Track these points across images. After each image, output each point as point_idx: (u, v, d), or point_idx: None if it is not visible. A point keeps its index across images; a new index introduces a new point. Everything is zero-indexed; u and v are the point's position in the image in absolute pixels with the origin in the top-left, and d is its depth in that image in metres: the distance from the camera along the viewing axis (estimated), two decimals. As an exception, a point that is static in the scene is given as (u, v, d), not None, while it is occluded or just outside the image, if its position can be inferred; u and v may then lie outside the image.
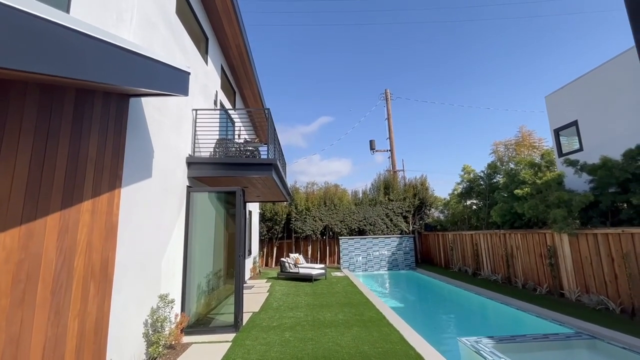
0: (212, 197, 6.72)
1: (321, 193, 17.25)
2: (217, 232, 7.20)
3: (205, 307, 6.59)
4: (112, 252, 3.53)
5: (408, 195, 16.84)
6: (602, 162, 7.73)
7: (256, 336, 5.34)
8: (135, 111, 4.19)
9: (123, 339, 3.76)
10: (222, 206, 7.02)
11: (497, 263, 10.35)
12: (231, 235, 6.72)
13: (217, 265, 7.29)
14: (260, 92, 10.71)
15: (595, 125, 9.65)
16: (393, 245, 15.30)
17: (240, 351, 4.67)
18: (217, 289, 7.21)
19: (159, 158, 4.83)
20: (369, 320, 6.15)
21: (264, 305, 7.67)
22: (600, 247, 6.69)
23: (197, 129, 6.49)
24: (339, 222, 16.22)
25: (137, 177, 4.17)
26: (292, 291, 9.36)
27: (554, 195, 7.43)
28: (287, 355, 4.48)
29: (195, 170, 6.02)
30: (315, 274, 11.05)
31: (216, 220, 7.11)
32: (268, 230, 16.07)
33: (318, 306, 7.40)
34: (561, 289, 7.68)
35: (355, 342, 4.95)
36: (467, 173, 13.21)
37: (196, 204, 6.15)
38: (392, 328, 5.59)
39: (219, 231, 7.25)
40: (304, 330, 5.64)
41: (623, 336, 5.06)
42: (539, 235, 8.42)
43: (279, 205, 16.13)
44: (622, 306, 6.13)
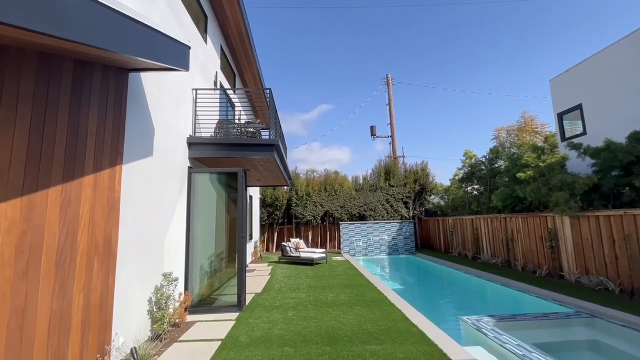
0: (214, 178, 6.67)
1: (322, 179, 17.21)
2: (218, 214, 7.19)
3: (209, 288, 6.64)
4: (114, 228, 3.50)
5: (409, 181, 16.81)
6: (605, 144, 7.66)
7: (259, 315, 5.40)
8: (135, 87, 4.09)
9: (128, 314, 3.78)
10: (224, 188, 6.98)
11: (497, 247, 10.41)
12: (232, 218, 6.71)
13: (219, 247, 7.32)
14: (260, 74, 10.52)
15: (600, 108, 9.53)
16: (393, 230, 15.38)
17: (244, 328, 4.71)
18: (219, 270, 7.26)
19: (160, 137, 4.75)
20: (370, 300, 6.21)
21: (266, 286, 7.74)
22: (601, 229, 6.71)
23: (197, 109, 6.38)
24: (340, 207, 16.24)
25: (138, 155, 4.11)
26: (294, 274, 9.44)
27: (557, 178, 7.39)
28: (291, 332, 4.53)
29: (196, 151, 5.95)
30: (316, 258, 11.13)
31: (217, 202, 7.09)
32: (269, 215, 16.10)
33: (320, 288, 7.47)
34: (561, 270, 7.75)
35: (357, 320, 5.00)
36: (469, 158, 13.16)
37: (197, 185, 6.10)
38: (394, 307, 5.64)
39: (220, 213, 7.24)
40: (307, 309, 5.69)
41: (622, 314, 5.11)
42: (540, 219, 8.43)
43: (280, 191, 16.12)
44: (621, 286, 6.19)
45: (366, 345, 3.98)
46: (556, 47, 39.77)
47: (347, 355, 3.71)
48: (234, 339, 4.31)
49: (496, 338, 4.45)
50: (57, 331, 2.66)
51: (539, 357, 3.82)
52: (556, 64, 41.63)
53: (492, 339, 4.47)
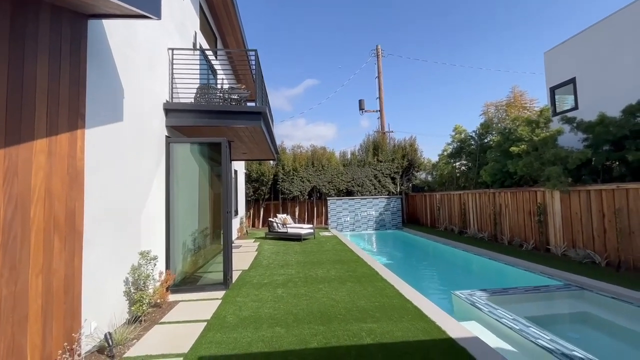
0: (195, 149, 6.15)
1: (309, 154, 16.76)
2: (201, 189, 6.75)
3: (193, 266, 6.31)
4: (79, 202, 3.05)
5: (397, 157, 16.62)
6: (599, 118, 7.55)
7: (247, 293, 5.14)
8: (98, 39, 3.48)
9: (101, 297, 3.41)
10: (206, 160, 6.48)
11: (484, 221, 10.48)
12: (217, 192, 6.28)
13: (203, 223, 6.93)
14: (244, 38, 9.71)
15: (594, 82, 9.39)
16: (381, 205, 15.33)
17: (232, 308, 4.45)
18: (204, 247, 6.91)
19: (131, 100, 4.19)
20: (362, 275, 6.06)
21: (253, 263, 7.49)
22: (592, 204, 6.71)
23: (174, 72, 5.74)
24: (327, 183, 15.97)
25: (105, 119, 3.58)
26: (282, 250, 9.22)
27: (551, 152, 7.28)
28: (281, 311, 4.30)
29: (174, 119, 5.39)
30: (304, 234, 10.93)
31: (200, 175, 6.62)
32: (254, 191, 15.68)
33: (309, 264, 7.28)
34: (547, 244, 7.83)
35: (350, 296, 4.82)
36: (459, 133, 12.97)
37: (177, 157, 5.60)
38: (387, 283, 5.51)
39: (203, 187, 6.79)
40: (297, 286, 5.48)
41: (609, 286, 5.15)
42: (530, 193, 8.42)
43: (266, 166, 15.63)
44: (607, 259, 6.27)
45: (362, 324, 3.79)
46: (552, 18, 39.21)
47: (342, 334, 3.51)
48: (221, 319, 4.05)
49: (491, 313, 4.38)
50: (9, 321, 2.27)
51: (535, 332, 3.75)
52: (552, 37, 41.24)
53: (487, 313, 4.39)
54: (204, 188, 6.83)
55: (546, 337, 3.59)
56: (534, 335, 3.66)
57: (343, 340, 3.37)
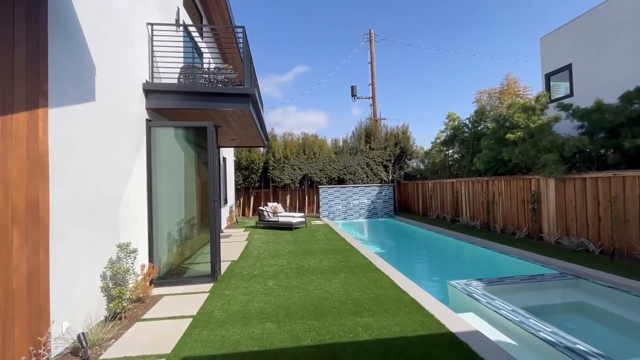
0: (180, 134, 5.78)
1: (300, 141, 16.39)
2: (187, 176, 6.41)
3: (178, 257, 6.03)
4: (43, 191, 2.71)
5: (389, 144, 16.41)
6: (596, 105, 7.42)
7: (236, 285, 4.90)
8: (62, 6, 3.07)
9: (74, 295, 3.11)
10: (192, 147, 6.12)
11: (476, 209, 10.43)
12: (204, 180, 5.95)
13: (189, 212, 6.62)
14: (231, 18, 9.17)
15: (590, 69, 9.25)
16: (373, 194, 15.19)
17: (219, 302, 4.21)
18: (190, 238, 6.62)
19: (105, 78, 3.79)
20: (355, 266, 5.89)
21: (243, 253, 7.24)
22: (587, 191, 6.63)
23: (154, 50, 5.30)
24: (319, 171, 15.71)
25: (74, 98, 3.20)
26: (272, 239, 8.99)
27: (547, 140, 7.15)
28: (272, 304, 4.08)
29: (155, 100, 5.00)
30: (295, 222, 10.71)
31: (186, 162, 6.26)
32: (244, 179, 15.31)
33: (301, 253, 7.07)
34: (540, 232, 7.80)
35: (344, 288, 4.63)
36: (452, 120, 12.79)
37: (160, 142, 5.23)
38: (381, 273, 5.34)
39: (189, 175, 6.45)
40: (288, 278, 5.26)
41: (605, 274, 5.10)
42: (524, 181, 8.33)
43: (255, 153, 15.23)
44: (602, 247, 6.23)
45: (357, 318, 3.61)
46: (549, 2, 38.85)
47: (337, 330, 3.32)
48: (208, 314, 3.81)
49: (489, 304, 4.25)
50: (-43, 327, 1.97)
51: (536, 324, 3.63)
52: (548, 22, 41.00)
53: (484, 304, 4.27)
54: (190, 176, 6.48)
55: (547, 330, 3.47)
56: (534, 327, 3.53)
57: (338, 337, 3.17)
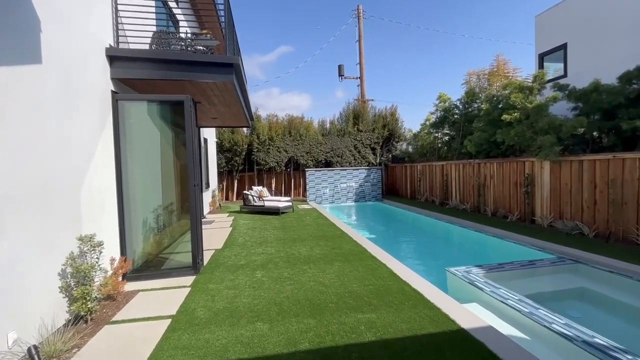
0: (154, 110, 5.11)
1: (285, 123, 15.71)
2: (165, 158, 5.81)
3: (156, 247, 5.51)
4: (-32, 173, 2.12)
5: (377, 126, 16.01)
6: (593, 86, 7.20)
7: (221, 278, 4.45)
8: None
9: (22, 299, 2.58)
10: (169, 125, 5.47)
11: (467, 192, 10.29)
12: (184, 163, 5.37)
13: (168, 197, 6.06)
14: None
15: (585, 49, 9.02)
16: (361, 177, 14.87)
17: (202, 298, 3.76)
18: (169, 225, 6.09)
19: (53, 36, 3.11)
20: (349, 253, 5.54)
21: (227, 241, 6.76)
22: (584, 174, 6.49)
23: (120, 10, 4.53)
24: (305, 153, 15.17)
25: (9, 57, 2.55)
26: (259, 225, 8.53)
27: (544, 121, 6.91)
28: (262, 300, 3.67)
29: (122, 69, 4.31)
30: (282, 207, 10.26)
31: (162, 142, 5.64)
32: (227, 162, 14.60)
33: (290, 240, 6.67)
34: (533, 215, 7.70)
35: (340, 279, 4.28)
36: (443, 101, 12.46)
37: (130, 118, 4.57)
38: (377, 262, 5.02)
39: (167, 156, 5.85)
40: (278, 268, 4.86)
41: (603, 259, 4.98)
42: (517, 164, 8.16)
43: (239, 134, 14.48)
44: (596, 231, 6.15)
45: (358, 314, 3.26)
46: None
47: (337, 330, 2.95)
48: (189, 313, 3.36)
49: (494, 293, 4.01)
50: None
51: (546, 314, 3.40)
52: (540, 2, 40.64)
53: (489, 294, 4.02)
54: (168, 157, 5.88)
55: (560, 321, 3.24)
56: (546, 319, 3.30)
57: (340, 338, 2.81)
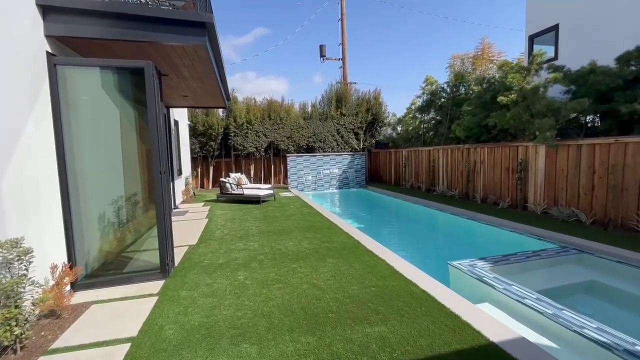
0: (109, 80, 4.17)
1: (264, 105, 14.75)
2: (126, 140, 4.90)
3: (117, 246, 4.69)
4: None
5: (361, 110, 15.40)
6: (590, 67, 6.93)
7: (196, 282, 3.76)
8: None
9: None
10: (130, 100, 4.55)
11: (455, 178, 10.01)
12: (149, 145, 4.53)
13: (131, 186, 5.19)
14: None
15: (577, 31, 8.75)
16: (344, 163, 14.33)
17: (173, 310, 3.07)
18: (133, 219, 5.24)
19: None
20: (342, 247, 4.99)
21: (203, 234, 6.01)
22: (581, 159, 6.25)
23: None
24: (286, 138, 14.37)
25: None
26: (238, 215, 7.80)
27: (543, 103, 6.57)
28: (247, 311, 3.04)
29: (61, 25, 3.37)
30: (263, 195, 9.54)
31: (123, 121, 4.73)
32: (202, 146, 13.55)
33: (274, 233, 6.02)
34: (525, 202, 7.48)
35: (337, 280, 3.71)
36: (430, 84, 12.01)
37: (75, 89, 3.67)
38: (375, 257, 4.50)
39: (129, 138, 4.94)
40: (264, 267, 4.22)
41: (605, 247, 4.74)
42: (510, 149, 7.87)
43: (214, 117, 13.41)
44: (594, 218, 5.96)
45: (366, 327, 2.70)
46: None
47: (343, 350, 2.38)
48: (155, 334, 2.67)
49: (507, 290, 3.60)
50: None
51: (573, 316, 3.02)
52: None
53: (501, 292, 3.61)
54: (130, 139, 4.98)
55: (591, 325, 2.85)
56: (573, 322, 2.90)
57: (349, 364, 2.25)
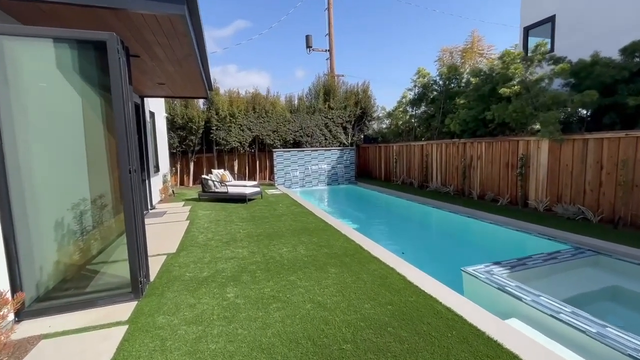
0: (63, 56, 3.39)
1: (249, 97, 13.95)
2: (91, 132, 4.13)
3: (78, 257, 3.94)
4: None
5: (349, 104, 14.88)
6: (593, 59, 6.68)
7: (176, 303, 3.12)
8: None
9: None
10: (92, 82, 3.78)
11: (450, 174, 9.68)
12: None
13: (98, 187, 4.43)
14: None
15: (576, 22, 8.53)
16: (333, 158, 13.78)
17: (147, 346, 2.43)
18: (100, 224, 4.49)
19: None
20: (343, 253, 4.46)
21: (184, 240, 5.32)
22: (588, 154, 5.98)
23: None
24: (272, 132, 13.67)
25: None
26: (223, 216, 7.12)
27: (549, 95, 6.25)
28: (242, 343, 2.45)
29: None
30: (249, 193, 8.86)
31: (86, 109, 3.95)
32: (181, 141, 12.64)
33: (265, 237, 5.41)
34: (526, 199, 7.20)
35: (344, 296, 3.17)
36: (422, 76, 11.62)
37: (16, 65, 2.91)
38: (382, 264, 3.99)
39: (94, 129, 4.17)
40: (257, 281, 3.62)
41: (621, 247, 4.47)
42: (510, 143, 7.56)
43: (194, 109, 12.52)
44: (601, 216, 5.70)
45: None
46: None
47: (371, 402, 1.85)
48: (122, 383, 2.04)
49: (536, 303, 3.18)
50: None
51: (619, 334, 2.62)
52: None
53: (530, 304, 3.19)
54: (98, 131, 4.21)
55: (646, 347, 2.46)
56: (627, 344, 2.50)
57: None
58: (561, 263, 4.35)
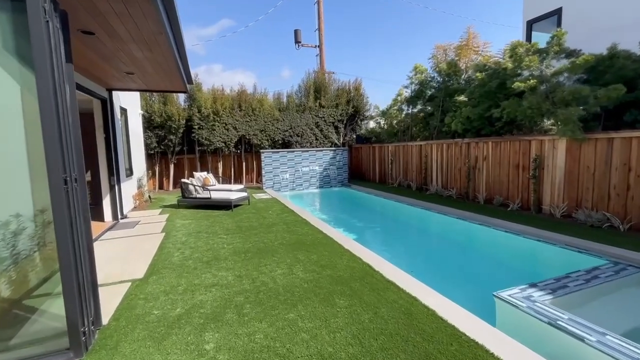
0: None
1: (234, 95, 13.02)
2: (32, 128, 3.21)
3: (8, 293, 3.02)
4: None
5: (341, 102, 14.14)
6: (610, 52, 6.17)
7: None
8: None
9: None
10: (18, 56, 2.86)
11: (452, 177, 9.06)
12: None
13: (39, 198, 3.50)
14: None
15: (584, 14, 8.05)
16: (326, 159, 13.00)
17: None
18: (43, 247, 3.57)
19: None
20: (350, 276, 3.67)
21: (156, 259, 4.41)
22: (613, 155, 5.41)
23: None
24: (259, 131, 12.78)
25: None
26: (204, 227, 6.22)
27: (569, 90, 5.66)
28: None
29: None
30: (235, 199, 7.97)
31: (24, 95, 3.04)
32: (159, 141, 11.59)
33: (254, 253, 4.57)
34: (540, 204, 6.61)
35: (363, 346, 2.38)
36: (419, 73, 11.00)
37: None
38: (402, 292, 3.23)
39: (33, 126, 3.25)
40: (245, 321, 2.79)
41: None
42: (521, 143, 6.97)
43: (173, 106, 11.49)
44: (630, 223, 5.14)
45: None
46: None
47: None
48: None
49: (604, 345, 2.49)
50: None
51: None
52: None
53: (595, 346, 2.49)
54: (33, 129, 3.28)
55: None
56: None
57: None
58: (604, 284, 3.70)
